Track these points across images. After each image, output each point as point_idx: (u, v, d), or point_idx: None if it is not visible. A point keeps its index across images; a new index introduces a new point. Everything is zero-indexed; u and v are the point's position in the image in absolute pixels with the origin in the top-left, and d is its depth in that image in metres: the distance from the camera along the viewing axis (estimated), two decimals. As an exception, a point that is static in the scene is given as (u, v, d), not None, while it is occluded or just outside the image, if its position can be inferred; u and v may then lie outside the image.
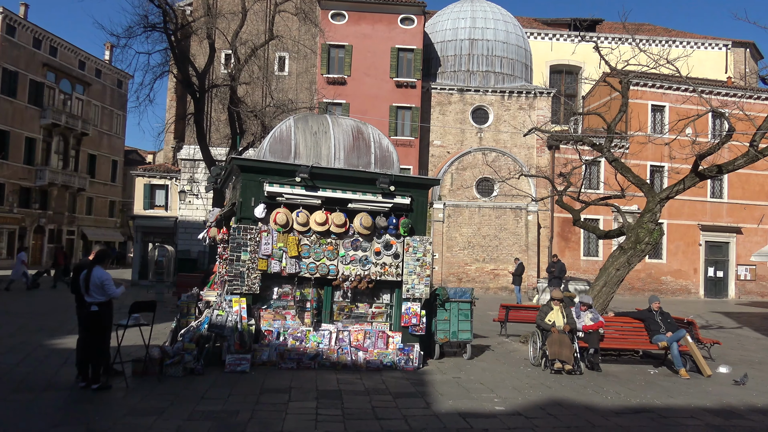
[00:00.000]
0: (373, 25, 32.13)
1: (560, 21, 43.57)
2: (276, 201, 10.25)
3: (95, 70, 47.29)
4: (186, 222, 30.68)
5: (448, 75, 33.99)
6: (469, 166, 31.23)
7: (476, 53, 33.83)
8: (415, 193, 10.94)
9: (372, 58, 31.91)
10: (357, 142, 11.23)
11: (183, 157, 31.12)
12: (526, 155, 32.40)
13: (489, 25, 34.33)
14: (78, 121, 44.04)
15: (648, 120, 32.41)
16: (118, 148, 51.06)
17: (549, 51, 42.13)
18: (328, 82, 31.48)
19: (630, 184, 14.57)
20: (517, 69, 34.28)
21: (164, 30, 20.90)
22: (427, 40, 34.22)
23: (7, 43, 38.45)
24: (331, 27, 31.35)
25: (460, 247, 29.93)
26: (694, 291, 32.99)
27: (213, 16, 22.36)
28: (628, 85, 15.16)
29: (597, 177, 31.51)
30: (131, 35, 20.32)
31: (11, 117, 38.93)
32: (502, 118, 32.89)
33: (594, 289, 13.47)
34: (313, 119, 11.46)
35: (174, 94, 34.94)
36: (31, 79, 40.52)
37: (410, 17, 32.30)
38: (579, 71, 42.03)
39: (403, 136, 31.70)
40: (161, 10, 20.59)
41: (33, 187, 40.84)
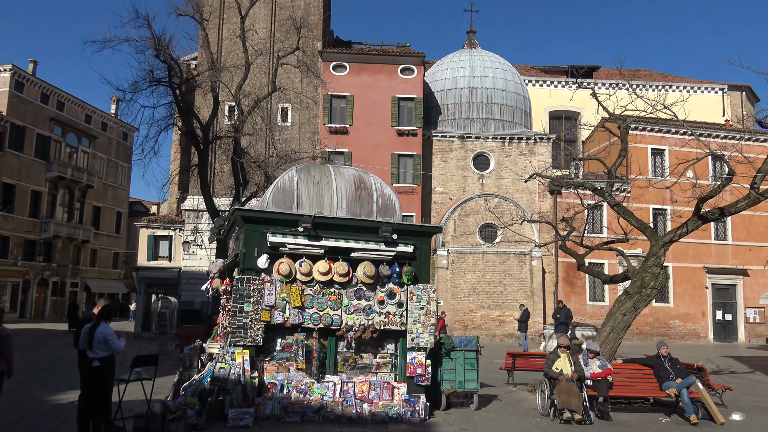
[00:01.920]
0: (374, 75, 32.74)
1: (558, 68, 44.35)
2: (279, 251, 10.25)
3: (101, 123, 48.05)
4: (189, 273, 30.62)
5: (448, 123, 34.44)
6: (471, 212, 31.30)
7: (476, 101, 34.36)
8: (417, 241, 10.93)
9: (373, 107, 32.40)
10: (359, 191, 11.29)
11: (187, 208, 31.28)
12: (528, 201, 32.50)
13: (488, 73, 34.97)
14: (83, 173, 44.51)
15: (648, 163, 32.63)
16: (122, 199, 51.41)
17: (548, 98, 42.75)
18: (331, 132, 31.89)
19: (633, 228, 14.57)
20: (516, 116, 34.73)
21: (169, 84, 21.33)
22: (427, 89, 34.81)
23: (16, 99, 39.22)
24: (332, 78, 31.95)
25: (465, 294, 29.73)
26: (703, 335, 32.55)
27: (217, 69, 22.85)
28: (627, 129, 15.33)
29: (600, 221, 31.53)
30: (137, 90, 20.77)
31: (18, 171, 39.37)
32: (503, 164, 33.15)
33: (601, 335, 13.31)
34: (315, 169, 11.57)
35: (178, 146, 35.40)
36: (38, 133, 41.15)
37: (410, 67, 32.94)
38: (578, 117, 42.55)
39: (405, 184, 31.90)
40: (166, 66, 21.07)
41: (38, 239, 40.97)
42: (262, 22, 32.59)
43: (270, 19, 33.05)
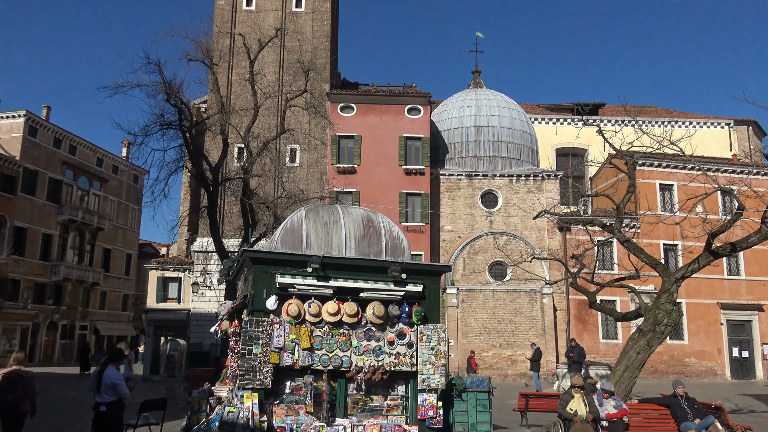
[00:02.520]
0: (381, 116, 33.14)
1: (563, 106, 44.72)
2: (288, 292, 10.21)
3: (112, 166, 48.66)
4: (198, 314, 30.53)
5: (455, 161, 34.64)
6: (480, 250, 31.20)
7: (482, 139, 34.61)
8: (427, 280, 10.86)
9: (381, 147, 32.68)
10: (368, 231, 11.29)
11: (196, 249, 31.37)
12: (537, 238, 32.40)
13: (494, 112, 35.31)
14: (94, 216, 44.88)
15: (657, 199, 32.54)
16: (132, 241, 51.68)
17: (554, 135, 42.99)
18: (339, 172, 32.13)
19: (644, 264, 14.44)
20: (523, 153, 34.90)
21: (179, 128, 21.65)
22: (434, 128, 35.14)
23: (29, 144, 39.88)
24: (340, 119, 32.34)
25: (476, 333, 29.41)
26: (720, 373, 31.90)
27: (226, 113, 23.20)
28: (634, 165, 15.35)
29: (610, 258, 31.29)
30: (148, 133, 21.07)
31: (30, 214, 39.75)
32: (512, 201, 33.17)
33: (615, 375, 13.07)
34: (323, 210, 11.60)
35: (188, 188, 35.72)
36: (51, 177, 41.69)
37: (417, 107, 33.33)
38: (585, 154, 42.69)
39: (413, 222, 31.93)
40: (177, 110, 21.42)
41: (48, 282, 41.09)
42: (270, 65, 33.21)
43: (278, 63, 33.68)
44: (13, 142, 39.17)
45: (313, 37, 34.41)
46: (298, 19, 34.64)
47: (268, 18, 34.18)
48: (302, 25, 34.55)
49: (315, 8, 34.82)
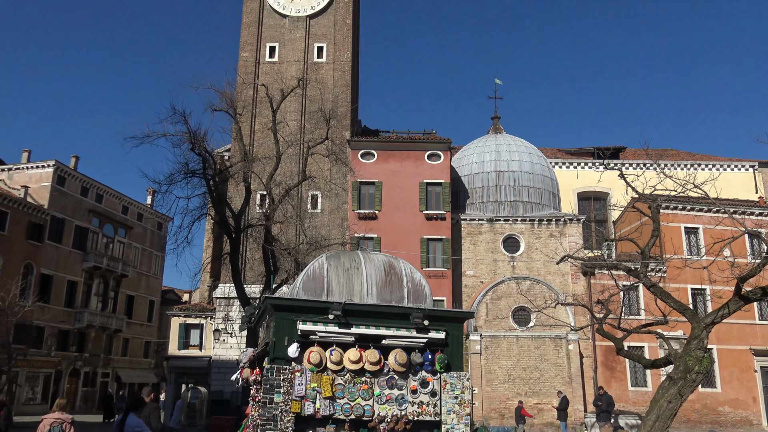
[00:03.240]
0: (402, 162, 33.40)
1: (583, 150, 44.70)
2: (309, 339, 10.14)
3: (137, 214, 49.44)
4: (220, 362, 30.39)
5: (476, 206, 34.61)
6: (503, 295, 30.84)
7: (503, 184, 34.62)
8: (449, 327, 10.73)
9: (401, 193, 32.83)
10: (389, 277, 11.25)
11: (218, 296, 31.45)
12: (561, 282, 31.97)
13: (514, 157, 35.40)
14: (119, 263, 45.39)
15: (683, 243, 32.04)
16: (155, 288, 52.02)
17: (575, 179, 42.86)
18: (360, 218, 32.25)
19: (672, 309, 14.12)
20: (544, 198, 34.79)
21: (203, 176, 22.04)
22: (454, 174, 35.27)
23: (57, 192, 40.78)
24: (361, 165, 32.66)
25: (500, 381, 28.80)
26: (756, 422, 30.69)
27: (249, 161, 23.59)
28: (658, 209, 15.17)
29: (636, 303, 30.70)
30: (172, 182, 21.47)
31: (56, 262, 40.34)
32: (534, 246, 32.91)
33: (646, 425, 12.64)
34: (345, 256, 11.61)
35: (211, 234, 36.07)
36: (77, 225, 42.43)
37: (437, 153, 33.56)
38: (607, 197, 42.41)
39: (435, 268, 31.75)
40: (201, 158, 21.86)
41: (71, 329, 41.34)
42: (292, 114, 33.86)
43: (300, 112, 34.35)
44: (42, 191, 40.09)
45: (334, 86, 35.12)
46: (319, 70, 35.45)
47: (290, 69, 35.03)
48: (323, 75, 35.32)
49: (336, 59, 35.65)
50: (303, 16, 36.41)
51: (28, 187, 39.36)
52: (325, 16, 36.51)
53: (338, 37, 36.05)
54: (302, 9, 36.51)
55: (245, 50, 35.78)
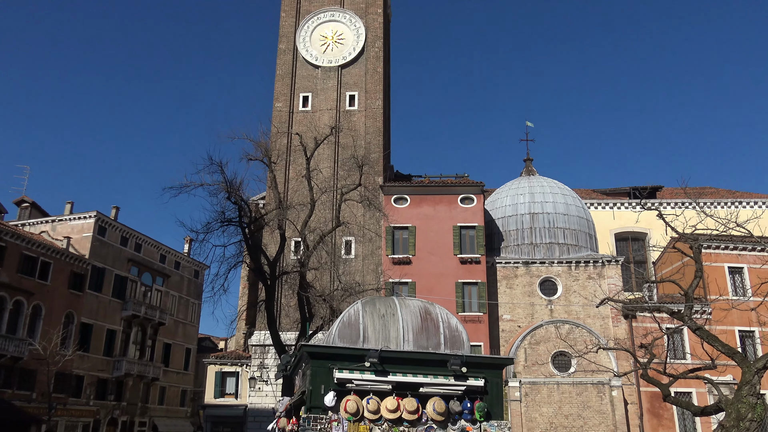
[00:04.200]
0: (435, 206, 33.41)
1: (619, 190, 44.12)
2: (346, 388, 10.03)
3: (174, 262, 50.20)
4: (255, 410, 30.18)
5: (511, 249, 34.26)
6: (542, 340, 30.15)
7: (538, 226, 34.28)
8: (488, 374, 10.51)
9: (435, 237, 32.73)
10: (425, 323, 11.13)
11: (254, 343, 31.47)
12: (601, 326, 31.16)
13: (548, 198, 35.12)
14: (156, 311, 45.92)
15: (727, 283, 31.05)
16: (192, 336, 52.34)
17: (611, 219, 42.21)
18: (394, 263, 32.16)
19: (720, 353, 13.59)
20: (581, 239, 34.28)
21: (239, 224, 22.37)
22: (488, 217, 35.09)
23: (98, 242, 41.76)
24: (394, 211, 32.77)
25: (542, 429, 27.89)
26: (816, 473, 28.94)
27: (284, 208, 23.89)
28: (700, 249, 14.83)
29: (682, 347, 29.66)
30: (209, 230, 21.84)
31: (95, 311, 41.01)
32: (572, 288, 32.28)
33: (699, 476, 12.04)
34: (380, 302, 11.55)
35: (246, 282, 36.35)
36: (117, 274, 43.23)
37: (470, 197, 33.51)
38: (645, 238, 41.57)
39: (471, 312, 31.31)
40: (237, 207, 22.23)
41: (110, 378, 41.67)
42: (326, 161, 34.35)
43: (333, 159, 34.83)
44: (84, 241, 41.11)
45: (366, 133, 35.62)
46: (351, 117, 36.07)
47: (323, 117, 35.72)
48: (355, 123, 35.90)
49: (368, 106, 36.26)
50: (335, 66, 37.30)
51: (70, 237, 40.42)
52: (356, 66, 37.33)
53: (369, 85, 36.74)
54: (334, 60, 37.43)
55: (279, 101, 36.68)
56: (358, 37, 37.66)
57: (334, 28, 38.17)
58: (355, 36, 37.74)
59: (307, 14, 38.52)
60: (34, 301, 36.17)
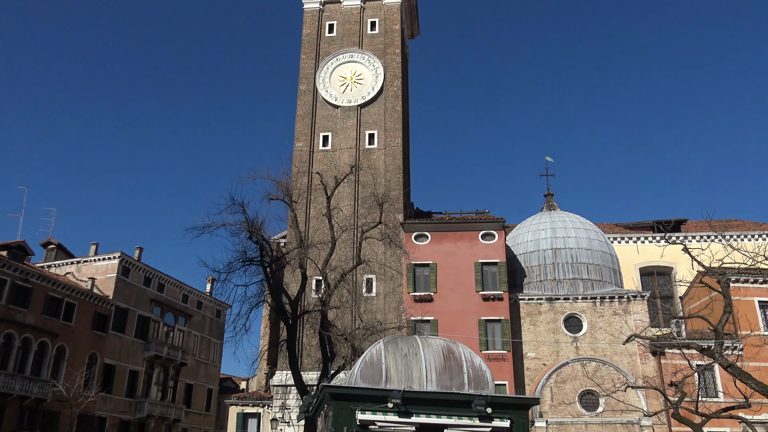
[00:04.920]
0: (456, 242, 33.27)
1: (642, 224, 43.57)
2: (369, 430, 9.87)
3: (197, 302, 50.41)
4: (277, 452, 29.77)
5: (534, 285, 33.86)
6: (568, 378, 29.52)
7: (561, 261, 33.91)
8: (514, 414, 10.29)
9: (456, 274, 32.51)
10: (448, 362, 10.98)
11: (275, 384, 31.23)
12: (629, 363, 30.44)
13: (570, 233, 34.82)
14: (178, 352, 45.94)
15: (758, 318, 30.27)
16: (213, 376, 52.14)
17: (636, 254, 41.60)
18: (415, 300, 31.94)
19: (754, 391, 13.18)
20: (605, 274, 33.80)
21: (261, 263, 22.46)
22: (510, 253, 34.82)
23: (122, 283, 42.18)
24: (415, 248, 32.69)
25: (570, 471, 27.09)
26: None
27: (305, 247, 23.97)
28: (728, 283, 14.53)
29: (713, 384, 28.82)
30: (231, 270, 21.96)
31: (118, 351, 41.17)
32: (597, 325, 31.70)
33: None
34: (402, 341, 11.44)
35: (268, 321, 36.30)
36: (140, 314, 43.48)
37: (491, 233, 33.34)
38: (671, 272, 40.82)
39: (494, 350, 30.83)
40: (258, 246, 22.36)
41: (132, 420, 41.52)
42: (346, 200, 34.54)
43: (353, 197, 35.02)
44: (108, 282, 41.56)
45: (386, 171, 35.84)
46: (371, 155, 36.37)
47: (343, 156, 36.07)
48: (375, 161, 36.18)
49: (387, 144, 36.58)
50: (354, 106, 37.81)
51: (94, 278, 40.90)
52: (375, 105, 37.81)
53: (388, 123, 37.12)
54: (353, 99, 37.97)
55: (300, 140, 37.17)
56: (376, 77, 38.24)
57: (353, 68, 38.84)
58: (373, 76, 38.34)
59: (326, 56, 39.30)
60: (59, 343, 36.44)
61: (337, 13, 40.70)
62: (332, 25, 40.46)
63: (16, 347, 33.98)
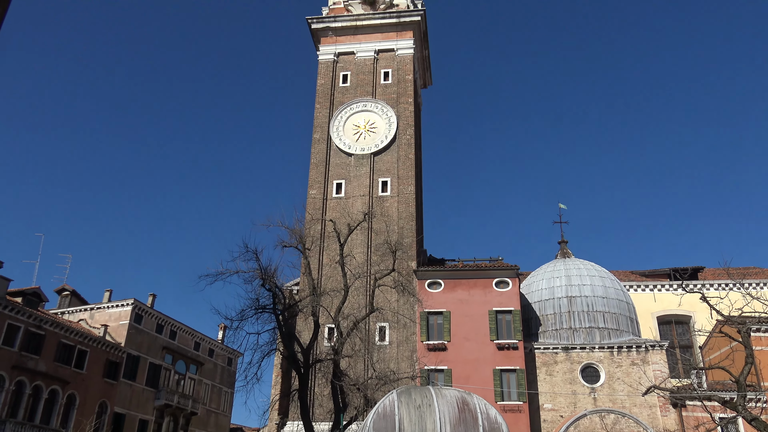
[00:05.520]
0: (469, 290, 32.99)
1: (658, 272, 43.04)
2: (381, 485, 9.60)
3: (208, 349, 50.09)
4: (287, 506, 28.98)
5: (549, 334, 33.34)
6: (586, 431, 28.71)
7: (576, 310, 33.44)
8: (531, 470, 9.98)
9: (470, 322, 32.12)
10: (463, 414, 10.75)
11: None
12: (649, 416, 29.61)
13: (585, 281, 34.44)
14: (189, 400, 45.42)
15: (781, 369, 29.42)
16: (224, 426, 51.33)
17: (652, 302, 40.96)
18: (429, 349, 31.50)
19: (780, 447, 12.73)
20: (621, 323, 33.25)
21: (273, 311, 22.38)
22: (524, 301, 34.44)
23: (134, 330, 42.12)
24: (428, 295, 32.43)
25: None
26: None
27: (318, 295, 23.88)
28: (749, 333, 14.23)
29: (737, 438, 27.86)
30: (243, 317, 21.89)
31: (129, 400, 40.79)
32: (615, 375, 31.00)
33: None
34: (416, 392, 11.25)
35: (279, 370, 35.86)
36: (151, 362, 43.24)
37: (505, 280, 33.06)
38: (689, 321, 40.07)
39: (510, 401, 30.16)
40: (271, 294, 22.32)
41: (140, 471, 40.83)
42: (359, 247, 34.54)
43: (366, 244, 35.02)
44: (120, 329, 41.53)
45: (399, 218, 35.91)
46: (384, 203, 36.52)
47: (356, 203, 36.26)
48: (388, 208, 36.30)
49: (400, 192, 36.75)
50: (367, 154, 38.21)
51: (107, 325, 40.91)
52: (388, 153, 38.19)
53: (401, 171, 37.39)
54: (367, 147, 38.40)
55: (313, 188, 37.47)
56: (389, 125, 38.75)
57: (366, 117, 39.42)
58: (386, 125, 38.85)
59: (340, 105, 39.97)
60: (69, 390, 36.22)
61: (351, 63, 41.58)
62: (346, 76, 41.28)
63: (26, 395, 33.80)
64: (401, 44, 41.48)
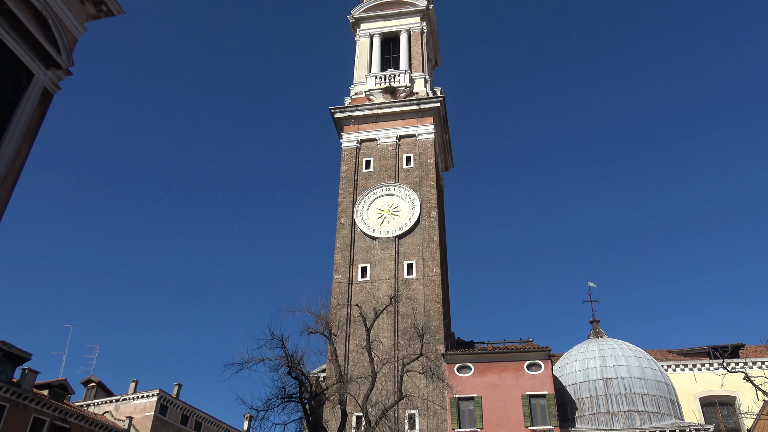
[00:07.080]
0: (500, 373, 32.01)
1: (697, 350, 41.44)
2: None
3: (234, 441, 48.80)
4: None
5: (587, 419, 31.91)
6: None
7: (613, 392, 32.12)
8: None
9: (503, 407, 30.96)
10: None
11: None
12: (699, 507, 27.66)
13: (621, 362, 33.24)
14: (213, 496, 43.89)
15: (839, 453, 27.58)
16: None
17: (693, 383, 39.19)
18: (461, 437, 30.25)
19: None
20: (662, 405, 31.76)
21: (300, 400, 21.89)
22: (558, 384, 33.23)
23: (159, 422, 41.40)
24: (457, 380, 31.51)
25: None
26: None
27: (345, 382, 23.38)
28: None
29: None
30: (269, 407, 21.41)
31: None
32: (659, 463, 29.26)
33: None
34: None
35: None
36: (175, 456, 42.16)
37: (537, 363, 32.07)
38: (734, 401, 38.11)
39: (549, 493, 28.53)
40: (298, 382, 21.90)
41: None
42: (386, 331, 34.03)
43: (393, 328, 34.51)
44: (145, 421, 40.87)
45: (425, 300, 35.50)
46: (410, 286, 36.25)
47: (381, 287, 36.05)
48: (414, 291, 35.98)
49: (426, 274, 36.53)
50: (392, 237, 38.33)
51: (132, 417, 40.30)
52: (412, 236, 38.28)
53: (426, 253, 37.31)
54: (391, 231, 38.58)
55: (339, 272, 37.46)
56: (413, 208, 39.05)
57: (389, 201, 39.84)
58: (410, 208, 39.16)
59: (363, 190, 40.56)
60: (92, 487, 35.30)
61: (373, 149, 42.52)
62: (369, 161, 42.11)
63: (49, 492, 33.00)
64: (422, 129, 42.44)
